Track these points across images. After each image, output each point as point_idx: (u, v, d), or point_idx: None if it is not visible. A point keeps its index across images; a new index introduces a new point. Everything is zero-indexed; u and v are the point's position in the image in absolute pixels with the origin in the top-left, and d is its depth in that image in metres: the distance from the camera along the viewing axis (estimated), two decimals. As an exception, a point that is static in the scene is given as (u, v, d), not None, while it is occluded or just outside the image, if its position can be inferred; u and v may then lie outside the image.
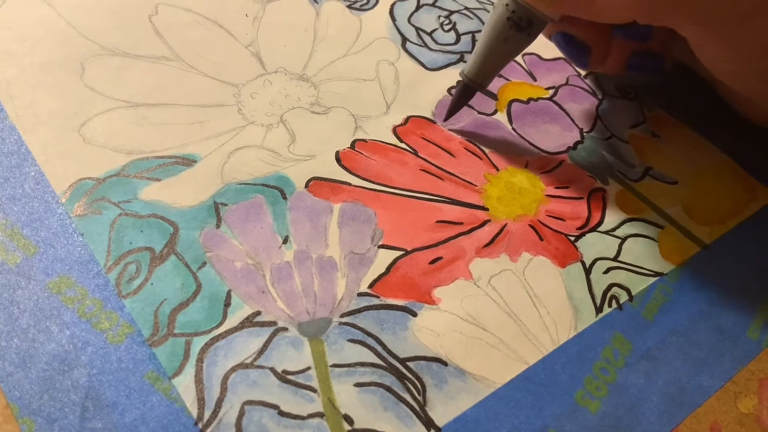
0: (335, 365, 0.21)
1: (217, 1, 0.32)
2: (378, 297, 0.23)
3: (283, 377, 0.21)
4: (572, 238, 0.26)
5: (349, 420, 0.20)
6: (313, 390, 0.21)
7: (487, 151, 0.29)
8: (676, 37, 0.26)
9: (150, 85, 0.28)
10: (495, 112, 0.30)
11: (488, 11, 0.36)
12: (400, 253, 0.24)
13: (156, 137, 0.26)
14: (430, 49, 0.33)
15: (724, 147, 0.31)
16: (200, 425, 0.20)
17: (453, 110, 0.29)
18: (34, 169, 0.25)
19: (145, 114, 0.27)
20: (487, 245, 0.25)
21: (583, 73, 0.33)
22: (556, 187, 0.28)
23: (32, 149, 0.25)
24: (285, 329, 0.22)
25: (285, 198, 0.25)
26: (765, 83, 0.27)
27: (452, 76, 0.32)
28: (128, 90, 0.28)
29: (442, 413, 0.21)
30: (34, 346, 0.20)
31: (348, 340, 0.22)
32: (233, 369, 0.21)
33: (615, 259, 0.26)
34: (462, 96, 0.28)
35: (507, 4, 0.26)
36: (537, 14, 0.26)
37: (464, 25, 0.34)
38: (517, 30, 0.26)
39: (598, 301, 0.24)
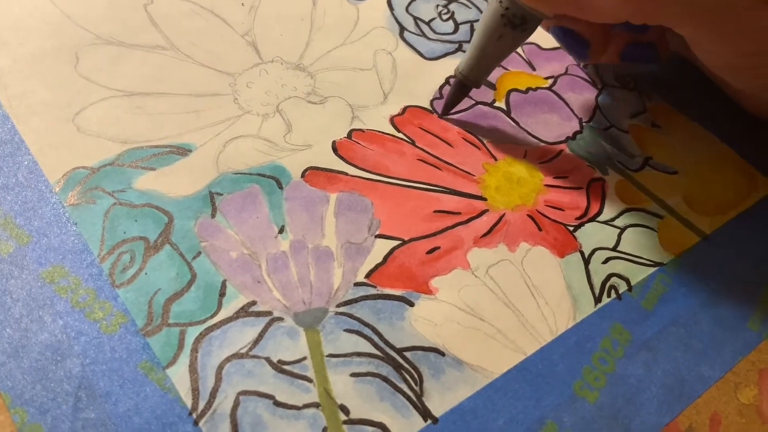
0: (331, 355, 0.21)
1: (213, -10, 0.32)
2: (375, 287, 0.23)
3: (279, 367, 0.21)
4: (571, 228, 0.26)
5: (345, 410, 0.20)
6: (309, 380, 0.20)
7: (485, 141, 0.28)
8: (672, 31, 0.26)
9: (145, 74, 0.28)
10: (493, 101, 0.30)
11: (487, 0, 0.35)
12: (398, 242, 0.24)
13: (151, 127, 0.26)
14: (428, 39, 0.33)
15: (725, 137, 0.31)
16: (194, 415, 0.19)
17: (448, 107, 0.29)
18: (27, 159, 0.24)
19: (139, 103, 0.27)
20: (485, 235, 0.25)
21: (582, 63, 0.33)
22: (555, 177, 0.27)
23: (26, 138, 0.25)
24: (280, 319, 0.22)
25: (281, 188, 0.25)
26: (763, 79, 0.26)
27: (450, 65, 0.31)
28: (123, 79, 0.28)
29: (439, 403, 0.21)
30: (26, 336, 0.20)
31: (344, 330, 0.22)
32: (228, 359, 0.20)
33: (614, 249, 0.25)
34: (457, 93, 0.28)
35: (500, 1, 0.26)
36: (530, 12, 0.26)
37: (462, 14, 0.34)
38: (511, 27, 0.26)
39: (597, 291, 0.24)
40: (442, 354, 0.22)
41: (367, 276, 0.23)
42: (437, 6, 0.34)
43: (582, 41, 0.27)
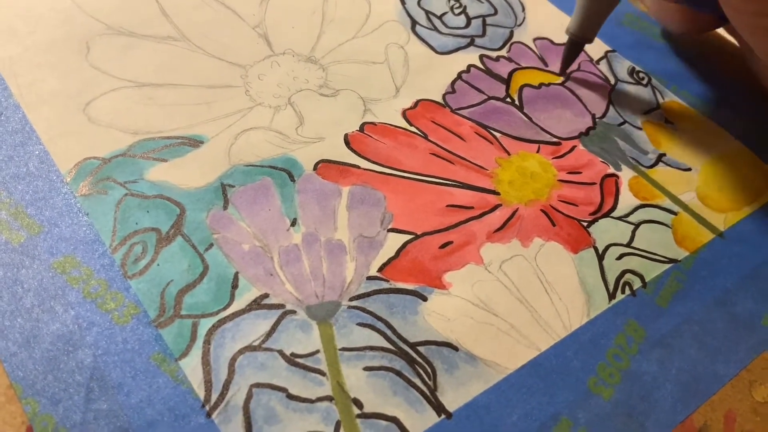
0: (344, 349, 0.21)
1: (225, -18, 0.32)
2: (387, 281, 0.23)
3: (292, 360, 0.20)
4: (585, 224, 0.26)
5: (358, 404, 0.20)
6: (322, 373, 0.20)
7: (498, 135, 0.28)
8: None
9: (156, 65, 0.28)
10: (506, 96, 0.30)
11: (499, -5, 0.35)
12: (410, 237, 0.24)
13: (162, 118, 0.26)
14: (440, 33, 0.32)
15: (739, 134, 0.31)
16: (207, 407, 0.19)
17: (565, 66, 0.31)
18: (38, 148, 0.24)
19: (150, 94, 0.27)
20: (498, 230, 0.25)
21: (595, 58, 0.33)
22: (569, 173, 0.27)
23: (37, 128, 0.25)
24: (293, 312, 0.21)
25: (293, 180, 0.25)
26: None
27: (462, 60, 0.31)
28: (134, 70, 0.27)
29: (452, 398, 0.20)
30: (38, 326, 0.20)
31: (357, 324, 0.21)
32: (241, 351, 0.20)
33: (628, 245, 0.25)
34: (570, 52, 0.30)
35: None
36: None
37: (475, 8, 0.34)
38: None
39: (611, 288, 0.24)
40: (456, 349, 0.21)
41: (380, 270, 0.23)
42: (449, 0, 0.34)
43: None
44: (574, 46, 0.30)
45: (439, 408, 0.20)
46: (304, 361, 0.20)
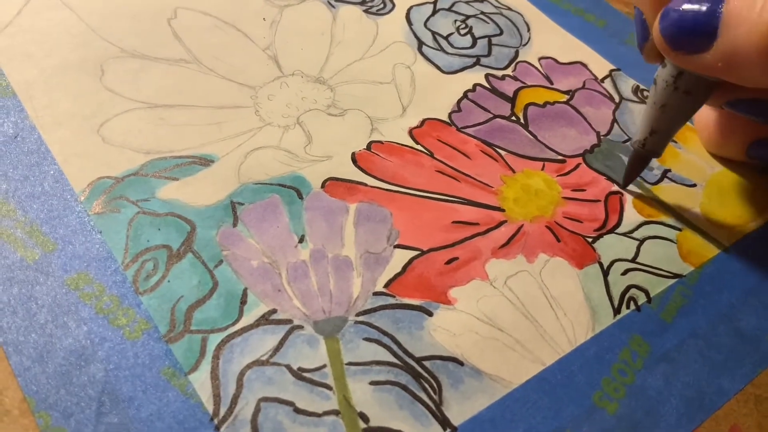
0: (351, 363, 0.21)
1: (235, 5, 0.33)
2: (394, 296, 0.23)
3: (299, 375, 0.21)
4: (589, 240, 0.26)
5: (364, 418, 0.20)
6: (329, 387, 0.21)
7: (503, 153, 0.29)
8: None
9: (168, 86, 0.29)
10: (512, 114, 0.30)
11: (505, 16, 0.36)
12: (416, 253, 0.24)
13: (174, 138, 0.27)
14: (446, 53, 0.33)
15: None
16: (216, 421, 0.19)
17: (629, 180, 0.28)
18: (53, 168, 0.25)
19: (162, 115, 0.27)
20: (503, 246, 0.25)
21: (599, 76, 0.33)
22: (573, 190, 0.28)
23: (52, 149, 0.25)
24: (301, 327, 0.22)
25: (301, 198, 0.25)
26: None
27: (468, 79, 0.32)
28: (147, 91, 0.28)
29: (457, 413, 0.21)
30: (51, 341, 0.21)
31: (363, 339, 0.22)
32: (249, 366, 0.21)
33: (633, 260, 0.26)
34: (636, 165, 0.28)
35: (665, 66, 0.25)
36: (697, 78, 0.24)
37: (480, 29, 0.35)
38: (682, 93, 0.25)
39: (616, 303, 0.24)
40: (461, 363, 0.22)
41: (386, 286, 0.23)
42: (455, 21, 0.35)
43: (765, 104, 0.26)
44: (640, 160, 0.27)
45: (444, 422, 0.20)
46: (311, 375, 0.21)
